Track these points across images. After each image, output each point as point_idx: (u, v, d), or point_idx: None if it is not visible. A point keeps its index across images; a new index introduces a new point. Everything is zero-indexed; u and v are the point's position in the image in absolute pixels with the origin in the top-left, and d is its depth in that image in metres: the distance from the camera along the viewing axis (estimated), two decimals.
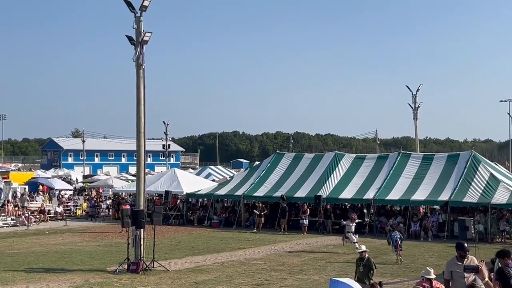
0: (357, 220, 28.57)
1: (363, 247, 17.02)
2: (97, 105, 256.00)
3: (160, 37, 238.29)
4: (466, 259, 12.12)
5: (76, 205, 49.69)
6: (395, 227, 28.37)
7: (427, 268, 14.23)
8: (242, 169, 77.11)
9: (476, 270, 8.64)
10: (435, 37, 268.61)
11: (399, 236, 25.24)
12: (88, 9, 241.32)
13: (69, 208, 48.76)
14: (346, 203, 38.23)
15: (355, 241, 26.49)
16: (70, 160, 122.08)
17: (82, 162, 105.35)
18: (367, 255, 16.62)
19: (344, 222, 28.42)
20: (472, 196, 32.60)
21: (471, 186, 33.36)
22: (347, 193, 36.15)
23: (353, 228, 27.43)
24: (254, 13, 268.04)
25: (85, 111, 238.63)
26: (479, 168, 34.54)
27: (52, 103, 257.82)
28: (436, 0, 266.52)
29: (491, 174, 34.07)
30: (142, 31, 22.69)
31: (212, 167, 78.13)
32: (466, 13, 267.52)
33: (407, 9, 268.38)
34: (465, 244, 12.50)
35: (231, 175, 60.53)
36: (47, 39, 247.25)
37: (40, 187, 56.01)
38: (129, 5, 22.66)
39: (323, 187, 36.78)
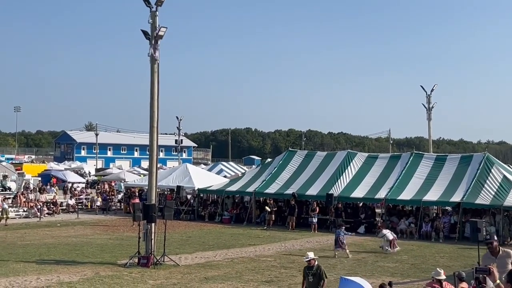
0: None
1: (311, 254, 14.84)
2: (111, 99, 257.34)
3: (175, 33, 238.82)
4: (499, 252, 12.38)
5: (88, 198, 49.91)
6: (341, 224, 28.44)
7: (437, 269, 14.17)
8: (254, 166, 77.17)
9: (488, 272, 8.62)
10: (450, 38, 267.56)
11: (343, 234, 25.75)
12: (104, 3, 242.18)
13: (81, 200, 49.05)
14: (358, 202, 38.13)
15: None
16: (83, 153, 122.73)
17: (95, 155, 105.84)
18: (316, 263, 14.69)
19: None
20: (484, 198, 32.41)
21: (483, 188, 33.15)
22: (359, 192, 36.05)
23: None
24: (269, 12, 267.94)
25: (99, 105, 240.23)
26: (492, 170, 34.32)
27: (67, 96, 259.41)
28: (451, 1, 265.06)
29: (504, 176, 33.84)
30: (158, 26, 22.73)
31: (224, 163, 78.22)
32: (481, 13, 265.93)
33: (422, 10, 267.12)
34: (488, 238, 12.71)
35: (243, 171, 60.56)
36: (64, 32, 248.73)
37: (53, 180, 56.45)
38: (145, 0, 22.69)
39: (335, 186, 36.70)
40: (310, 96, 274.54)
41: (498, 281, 7.69)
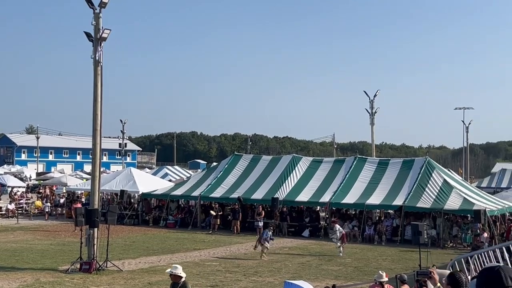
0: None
1: (178, 269, 12.77)
2: (53, 101, 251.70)
3: (120, 35, 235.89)
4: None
5: (28, 203, 48.68)
6: (269, 225, 29.45)
7: (380, 271, 14.40)
8: (199, 170, 76.85)
9: (427, 275, 8.78)
10: (394, 43, 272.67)
11: (270, 236, 26.51)
12: (46, 2, 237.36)
13: (21, 205, 47.81)
14: (302, 206, 38.40)
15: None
16: (24, 156, 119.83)
17: (36, 159, 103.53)
18: (183, 280, 12.71)
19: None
20: (425, 202, 33.11)
21: (424, 192, 33.90)
22: (304, 196, 36.33)
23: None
24: (212, 15, 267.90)
25: (41, 107, 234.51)
26: (433, 174, 35.13)
27: (6, 98, 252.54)
28: (398, 6, 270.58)
29: (445, 180, 34.68)
30: (101, 28, 22.43)
31: (169, 167, 77.67)
32: (425, 21, 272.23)
33: (368, 14, 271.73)
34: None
35: (188, 175, 60.27)
36: (3, 32, 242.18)
37: None
38: (88, 1, 22.36)
39: (280, 190, 36.89)
40: (256, 100, 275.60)
41: (438, 284, 7.84)
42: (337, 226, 28.79)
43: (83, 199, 44.41)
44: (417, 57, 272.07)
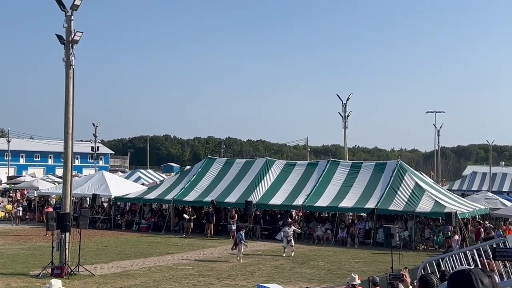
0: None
1: (58, 283, 11.64)
2: (23, 104, 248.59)
3: (91, 37, 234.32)
4: None
5: None
6: (240, 228, 30.41)
7: (352, 274, 14.48)
8: (172, 174, 76.53)
9: (400, 278, 8.86)
10: (367, 47, 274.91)
11: (243, 237, 27.17)
12: (18, 4, 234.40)
13: None
14: (276, 209, 38.47)
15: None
16: None
17: (7, 162, 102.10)
18: None
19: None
20: (397, 204, 33.41)
21: (397, 195, 34.21)
22: (277, 199, 36.40)
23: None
24: (189, 18, 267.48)
25: (11, 111, 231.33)
26: (404, 177, 35.48)
27: None
28: (372, 12, 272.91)
29: (416, 183, 35.04)
30: (73, 30, 22.24)
31: (142, 170, 77.18)
32: (400, 26, 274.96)
33: (340, 18, 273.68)
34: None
35: (161, 179, 59.95)
36: None
37: None
38: (60, 3, 22.17)
39: (254, 193, 36.92)
40: (229, 103, 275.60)
41: (410, 287, 7.91)
42: (293, 228, 29.80)
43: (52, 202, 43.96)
44: (389, 61, 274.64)
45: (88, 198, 42.62)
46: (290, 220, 33.65)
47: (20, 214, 43.08)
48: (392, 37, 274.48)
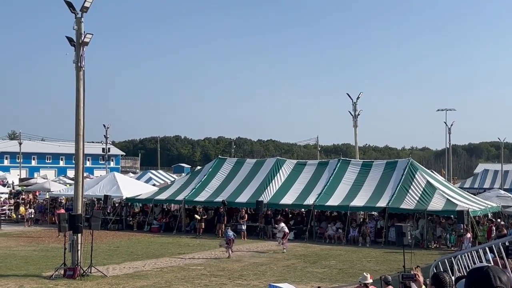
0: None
1: None
2: (35, 106, 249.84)
3: (104, 38, 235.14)
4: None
5: (11, 209, 48.20)
6: (229, 226, 30.87)
7: (364, 273, 14.45)
8: (183, 174, 76.67)
9: (412, 278, 8.83)
10: (378, 46, 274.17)
11: (232, 235, 27.65)
12: (29, 7, 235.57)
13: (4, 211, 47.35)
14: (287, 209, 38.43)
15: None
16: (6, 162, 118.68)
17: (19, 165, 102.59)
18: None
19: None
20: (409, 203, 33.28)
21: (408, 193, 34.07)
22: (288, 199, 36.37)
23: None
24: (198, 20, 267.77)
25: (23, 113, 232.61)
26: (416, 176, 35.33)
27: None
28: (383, 11, 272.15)
29: (428, 181, 34.89)
30: (83, 32, 22.32)
31: (153, 171, 77.40)
32: (412, 25, 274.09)
33: (351, 17, 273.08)
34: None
35: (172, 179, 60.05)
36: None
37: None
38: (70, 5, 22.26)
39: (265, 193, 36.89)
40: (239, 104, 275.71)
41: (423, 287, 7.88)
42: (282, 225, 30.06)
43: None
44: (400, 60, 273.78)
45: (100, 200, 42.70)
46: (279, 217, 34.26)
47: (32, 216, 43.27)
48: (403, 36, 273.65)
